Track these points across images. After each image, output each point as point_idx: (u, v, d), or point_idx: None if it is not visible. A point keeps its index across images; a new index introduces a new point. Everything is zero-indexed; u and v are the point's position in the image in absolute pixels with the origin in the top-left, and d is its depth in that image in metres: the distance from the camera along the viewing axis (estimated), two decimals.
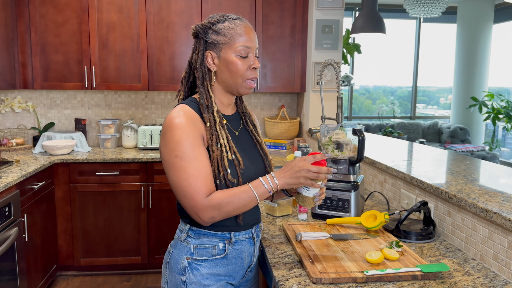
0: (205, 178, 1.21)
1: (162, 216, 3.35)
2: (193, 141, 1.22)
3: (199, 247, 1.30)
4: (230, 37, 1.27)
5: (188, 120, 1.23)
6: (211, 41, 1.28)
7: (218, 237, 1.31)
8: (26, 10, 3.33)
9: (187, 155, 1.20)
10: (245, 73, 1.29)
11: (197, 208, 1.20)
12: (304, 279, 1.26)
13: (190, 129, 1.22)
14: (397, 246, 1.42)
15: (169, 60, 3.50)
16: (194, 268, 1.29)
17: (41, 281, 2.93)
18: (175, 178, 1.21)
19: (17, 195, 2.49)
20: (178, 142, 1.21)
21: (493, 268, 1.36)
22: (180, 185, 1.20)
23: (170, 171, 1.22)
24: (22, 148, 3.48)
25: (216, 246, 1.31)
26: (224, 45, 1.28)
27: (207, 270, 1.30)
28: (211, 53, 1.29)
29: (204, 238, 1.31)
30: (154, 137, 3.54)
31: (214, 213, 1.20)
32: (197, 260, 1.30)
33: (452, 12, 7.54)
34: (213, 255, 1.31)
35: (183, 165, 1.20)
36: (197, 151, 1.22)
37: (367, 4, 3.35)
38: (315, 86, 3.55)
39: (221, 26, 1.28)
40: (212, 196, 1.20)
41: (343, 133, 1.79)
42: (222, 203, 1.20)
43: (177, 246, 1.33)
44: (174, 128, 1.22)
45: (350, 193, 1.77)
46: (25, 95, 3.75)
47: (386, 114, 7.67)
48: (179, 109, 1.26)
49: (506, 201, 1.43)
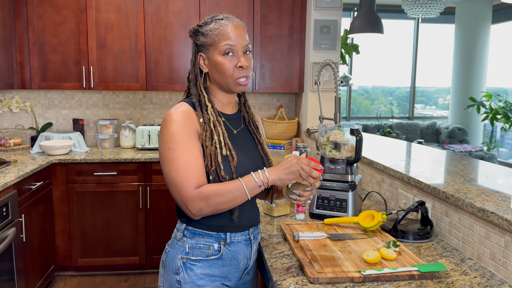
0: (196, 171, 1.22)
1: (160, 216, 3.34)
2: (186, 135, 1.24)
3: (194, 247, 1.31)
4: (214, 38, 1.29)
5: (184, 115, 1.27)
6: (200, 43, 1.33)
7: (213, 237, 1.31)
8: (24, 10, 3.33)
9: (179, 147, 1.23)
10: (233, 73, 1.29)
11: (186, 199, 1.20)
12: (301, 279, 1.26)
13: (184, 123, 1.25)
14: (395, 245, 1.43)
15: (167, 60, 3.50)
16: (189, 268, 1.30)
17: (38, 282, 2.92)
18: (166, 170, 1.24)
19: (14, 195, 2.49)
20: (172, 135, 1.24)
21: (490, 268, 1.36)
22: (171, 176, 1.22)
23: (163, 163, 1.25)
24: (20, 148, 3.47)
25: (211, 247, 1.31)
26: (210, 46, 1.30)
27: (202, 270, 1.30)
28: (202, 55, 1.33)
29: (199, 238, 1.31)
30: (152, 137, 3.54)
31: (202, 204, 1.20)
32: (192, 260, 1.30)
33: (450, 13, 7.56)
34: (207, 255, 1.31)
35: (175, 157, 1.22)
36: (189, 144, 1.24)
37: (365, 4, 3.35)
38: (313, 86, 3.56)
39: (207, 28, 1.30)
40: (201, 188, 1.21)
41: (340, 133, 1.79)
42: (211, 195, 1.19)
43: (173, 245, 1.34)
44: (170, 122, 1.25)
45: (347, 193, 1.77)
46: (23, 95, 3.75)
47: (384, 114, 7.68)
48: (177, 106, 1.31)
49: (503, 201, 1.43)
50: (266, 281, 1.50)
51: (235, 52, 1.28)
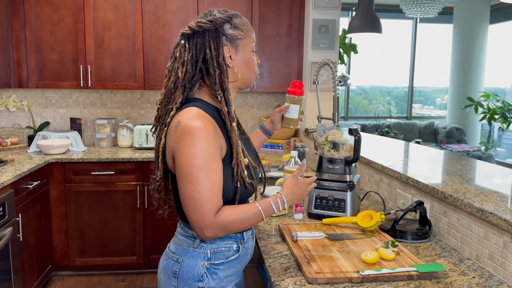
0: (218, 193, 1.16)
1: (158, 216, 3.33)
2: (213, 152, 1.15)
3: (216, 251, 1.27)
4: (246, 33, 1.29)
5: (211, 128, 1.16)
6: (230, 36, 1.25)
7: (232, 238, 1.30)
8: (21, 8, 3.31)
9: (206, 167, 1.13)
10: (256, 68, 1.35)
11: (204, 224, 1.14)
12: (299, 279, 1.25)
13: (213, 138, 1.15)
14: (393, 246, 1.42)
15: (165, 60, 3.48)
16: (213, 273, 1.27)
17: (35, 281, 2.91)
18: (188, 189, 1.14)
19: (11, 194, 2.47)
20: (199, 152, 1.12)
21: (488, 268, 1.36)
22: (193, 197, 1.13)
23: (184, 180, 1.14)
24: (17, 148, 3.45)
25: (231, 248, 1.30)
26: (241, 40, 1.27)
27: (224, 272, 1.29)
28: (229, 49, 1.25)
29: (220, 242, 1.28)
30: (150, 137, 3.53)
31: (220, 231, 1.17)
32: (215, 264, 1.27)
33: (448, 13, 7.57)
34: (228, 257, 1.29)
35: (201, 177, 1.13)
36: (215, 163, 1.15)
37: (364, 4, 3.35)
38: (311, 85, 3.55)
39: (237, 21, 1.27)
40: (220, 214, 1.15)
41: (339, 132, 1.78)
42: (230, 223, 1.16)
43: (188, 254, 1.27)
44: (196, 135, 1.13)
45: (346, 192, 1.77)
46: (20, 94, 3.73)
47: (382, 114, 7.68)
48: (198, 113, 1.17)
49: (501, 201, 1.43)
50: (264, 281, 1.50)
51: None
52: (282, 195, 1.24)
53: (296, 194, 1.26)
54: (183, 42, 1.26)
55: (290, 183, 1.27)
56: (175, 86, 1.24)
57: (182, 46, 1.25)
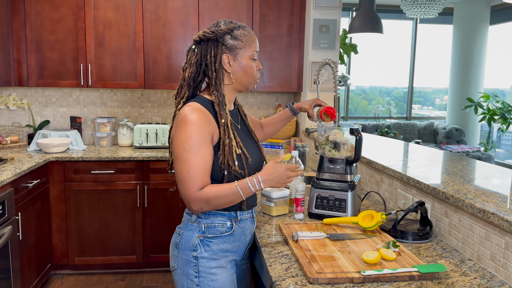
0: (203, 173, 1.35)
1: (158, 215, 3.33)
2: (202, 138, 1.35)
3: (209, 226, 1.45)
4: (246, 43, 1.45)
5: (203, 118, 1.37)
6: (229, 45, 1.44)
7: (225, 216, 1.47)
8: (22, 7, 3.30)
9: (193, 150, 1.34)
10: (256, 74, 1.51)
11: (190, 197, 1.35)
12: (300, 279, 1.25)
13: (202, 127, 1.36)
14: (394, 246, 1.42)
15: (166, 59, 3.48)
16: (206, 245, 1.45)
17: (35, 280, 2.91)
18: (178, 168, 1.36)
19: (11, 193, 2.47)
20: (189, 137, 1.34)
21: (490, 269, 1.36)
22: (182, 175, 1.35)
23: (176, 160, 1.37)
24: (16, 146, 3.45)
25: (224, 225, 1.46)
26: (240, 49, 1.45)
27: (217, 246, 1.46)
28: (228, 56, 1.44)
29: (213, 218, 1.46)
30: (150, 136, 3.52)
31: (203, 205, 1.36)
32: (208, 237, 1.45)
33: (448, 13, 7.57)
34: (222, 232, 1.46)
35: (188, 158, 1.34)
36: (203, 148, 1.35)
37: (365, 4, 3.34)
38: (312, 85, 3.55)
39: (237, 32, 1.45)
40: (203, 190, 1.35)
41: (340, 132, 1.78)
42: (211, 197, 1.35)
43: (187, 227, 1.48)
44: (188, 124, 1.35)
45: (347, 192, 1.76)
46: (20, 92, 3.72)
47: (382, 114, 7.69)
48: (194, 106, 1.39)
49: (503, 201, 1.43)
50: (265, 280, 1.50)
51: (257, 57, 1.50)
52: (258, 175, 1.39)
53: (272, 175, 1.39)
54: (193, 47, 1.47)
55: (268, 166, 1.42)
56: (183, 83, 1.49)
57: (192, 51, 1.48)
